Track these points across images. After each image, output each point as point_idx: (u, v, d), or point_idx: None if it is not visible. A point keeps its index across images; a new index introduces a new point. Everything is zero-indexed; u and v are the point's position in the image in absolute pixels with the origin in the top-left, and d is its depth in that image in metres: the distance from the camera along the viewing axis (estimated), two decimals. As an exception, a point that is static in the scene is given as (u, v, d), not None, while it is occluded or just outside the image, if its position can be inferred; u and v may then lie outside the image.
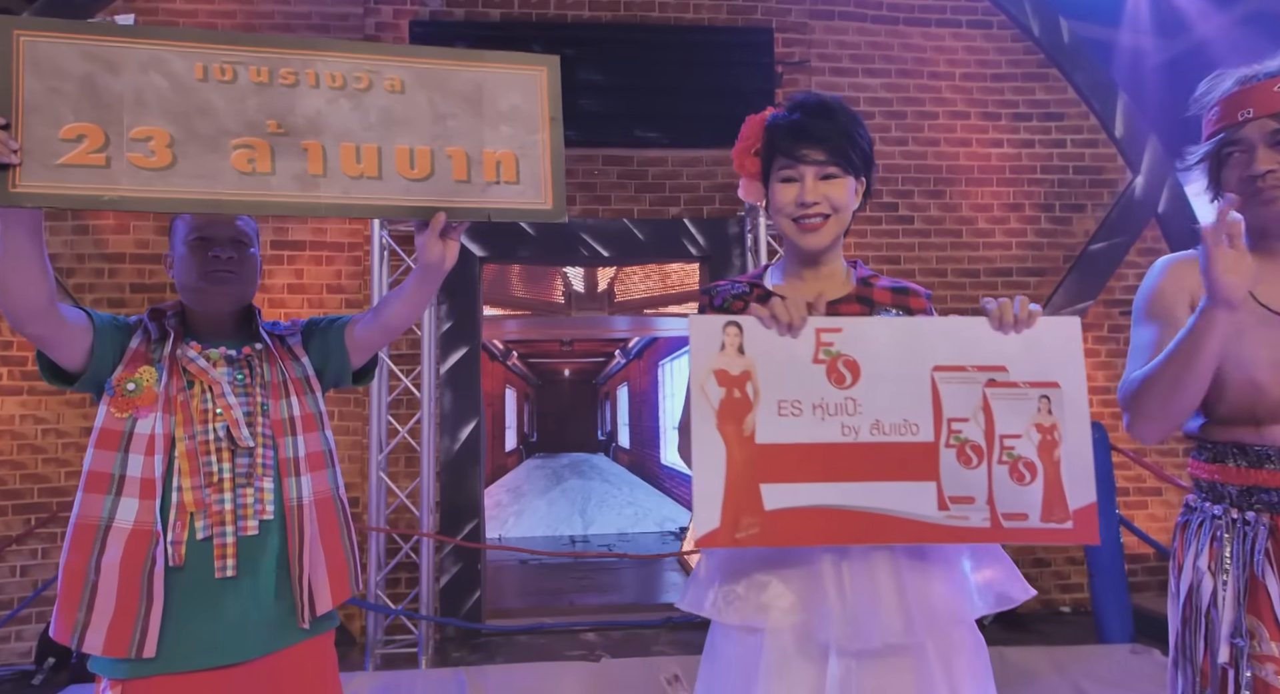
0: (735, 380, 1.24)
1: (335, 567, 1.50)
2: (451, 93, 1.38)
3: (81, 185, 1.23)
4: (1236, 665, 1.31)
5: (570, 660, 3.59)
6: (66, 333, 1.40)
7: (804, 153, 1.34)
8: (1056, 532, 1.24)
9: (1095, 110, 4.62)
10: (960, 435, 1.25)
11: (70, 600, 1.37)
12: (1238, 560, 1.34)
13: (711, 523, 1.22)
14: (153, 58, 1.29)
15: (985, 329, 1.27)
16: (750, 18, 4.51)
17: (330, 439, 1.56)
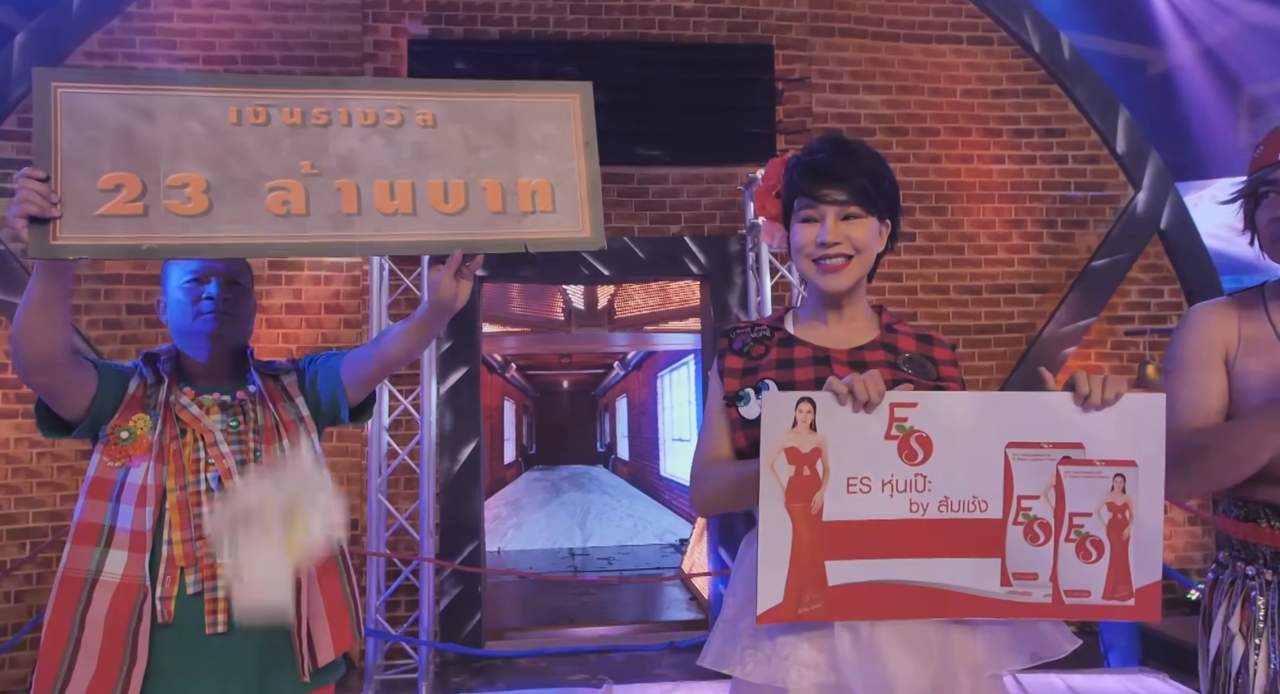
0: (806, 458, 1.22)
1: (335, 614, 1.47)
2: (484, 124, 1.37)
3: (120, 236, 1.24)
4: (1267, 731, 1.28)
5: (573, 686, 3.55)
6: (73, 384, 1.38)
7: (824, 192, 1.31)
8: (1118, 609, 1.22)
9: (1096, 126, 4.61)
10: (1029, 513, 1.23)
11: (51, 657, 1.34)
12: (1272, 625, 1.31)
13: (775, 599, 1.21)
14: (187, 104, 1.29)
15: (1067, 404, 1.22)
16: (750, 34, 4.50)
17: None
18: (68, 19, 4.02)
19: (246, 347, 1.57)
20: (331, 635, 1.46)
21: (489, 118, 1.37)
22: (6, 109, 3.95)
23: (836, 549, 1.22)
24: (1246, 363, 1.34)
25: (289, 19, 4.28)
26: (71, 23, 4.02)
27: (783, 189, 1.40)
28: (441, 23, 4.35)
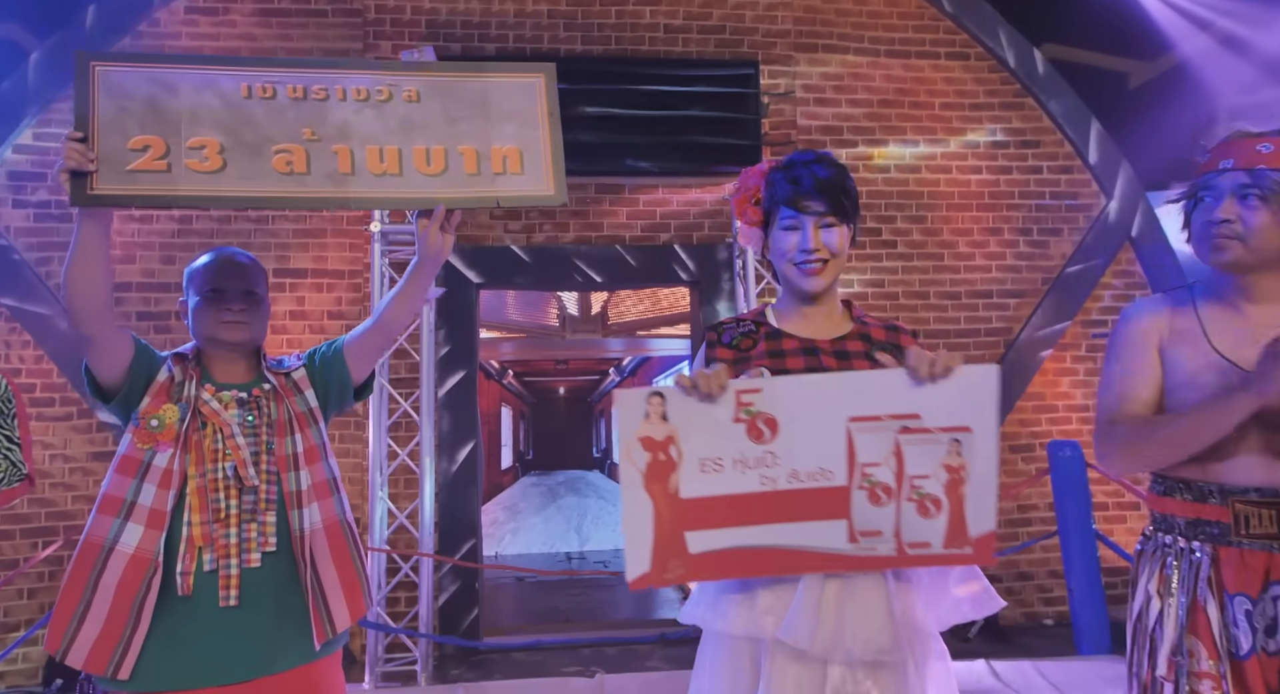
0: (659, 445, 1.37)
1: (349, 585, 1.62)
2: (462, 100, 1.58)
3: (147, 187, 1.45)
4: (1176, 681, 1.43)
5: (566, 676, 3.69)
6: (114, 340, 1.55)
7: (806, 204, 1.47)
8: (957, 556, 1.37)
9: (1070, 137, 4.79)
10: (871, 478, 1.36)
11: (64, 613, 1.49)
12: (1183, 586, 1.47)
13: (642, 568, 1.36)
14: (204, 80, 1.51)
15: (903, 380, 1.36)
16: (737, 51, 4.67)
17: (334, 467, 1.68)
18: (80, 38, 4.18)
19: (260, 347, 1.72)
20: (346, 604, 1.61)
21: (466, 94, 1.58)
22: (23, 124, 4.11)
23: (695, 522, 1.36)
24: (1174, 351, 1.51)
25: (293, 37, 4.45)
26: (84, 42, 4.18)
27: (764, 199, 1.55)
28: (440, 39, 4.52)
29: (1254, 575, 1.42)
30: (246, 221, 4.32)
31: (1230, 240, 1.44)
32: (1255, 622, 1.41)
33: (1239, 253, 1.44)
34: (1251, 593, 1.42)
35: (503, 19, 4.56)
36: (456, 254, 4.41)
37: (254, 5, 4.41)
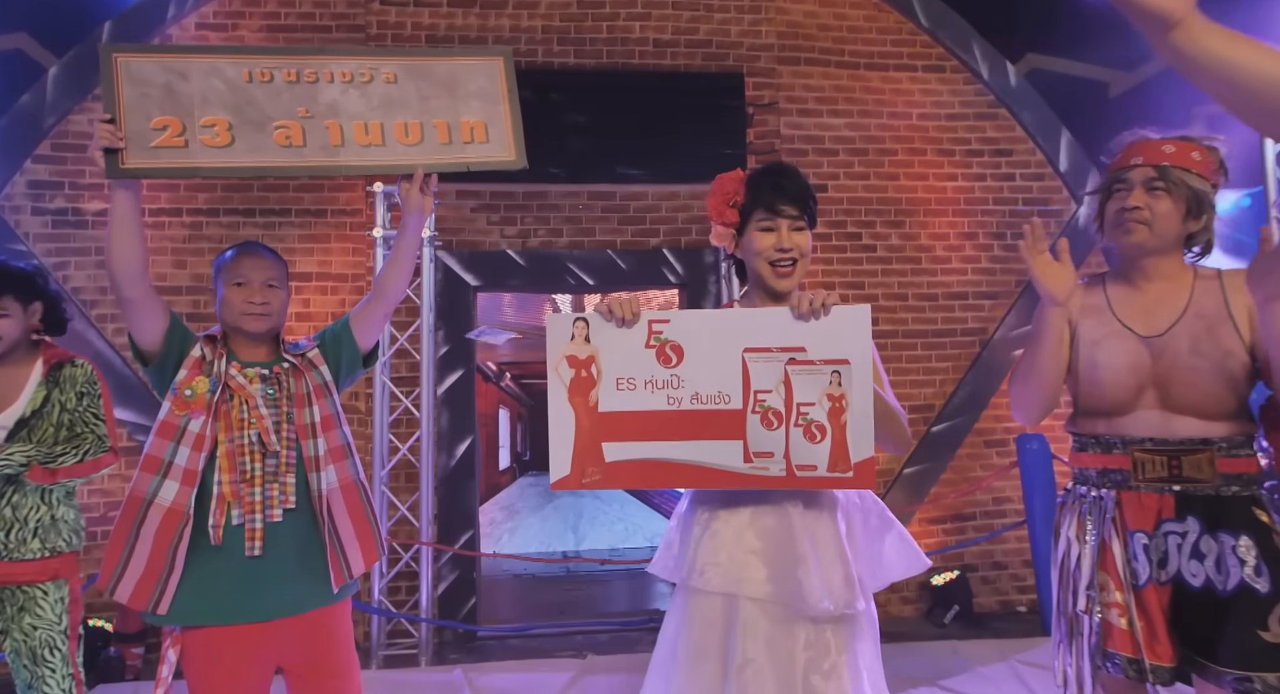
0: (582, 363, 1.59)
1: (363, 536, 1.83)
2: (433, 80, 1.83)
3: (168, 160, 1.70)
4: (1090, 612, 1.64)
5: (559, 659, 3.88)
6: (152, 306, 1.78)
7: (782, 207, 1.67)
8: (840, 480, 1.55)
9: (1041, 147, 5.01)
10: (764, 404, 1.56)
11: (113, 557, 1.71)
12: (1095, 529, 1.68)
13: (563, 471, 1.58)
14: (212, 67, 1.76)
15: (789, 316, 1.57)
16: (723, 63, 4.89)
17: (348, 434, 1.89)
18: (95, 54, 4.38)
19: (281, 332, 1.93)
20: (361, 553, 1.82)
21: (437, 75, 1.83)
22: (40, 135, 4.31)
23: (611, 433, 1.57)
24: (1084, 322, 1.75)
25: (298, 51, 4.66)
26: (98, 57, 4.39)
27: (743, 202, 1.73)
28: (438, 54, 4.73)
29: (1149, 514, 1.63)
30: (254, 228, 4.52)
31: (1139, 224, 1.66)
32: (1150, 555, 1.62)
33: (1145, 235, 1.66)
34: (1147, 529, 1.63)
35: (499, 34, 4.77)
36: (454, 258, 4.62)
37: (261, 22, 4.62)
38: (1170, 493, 1.62)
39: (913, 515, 4.76)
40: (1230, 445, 1.61)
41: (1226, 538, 1.56)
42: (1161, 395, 1.64)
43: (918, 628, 4.41)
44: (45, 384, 2.23)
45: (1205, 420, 1.61)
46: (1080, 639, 1.65)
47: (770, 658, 1.55)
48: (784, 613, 1.57)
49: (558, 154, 4.64)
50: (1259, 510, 1.59)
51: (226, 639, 1.73)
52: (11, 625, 2.18)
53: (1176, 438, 1.62)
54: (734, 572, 1.61)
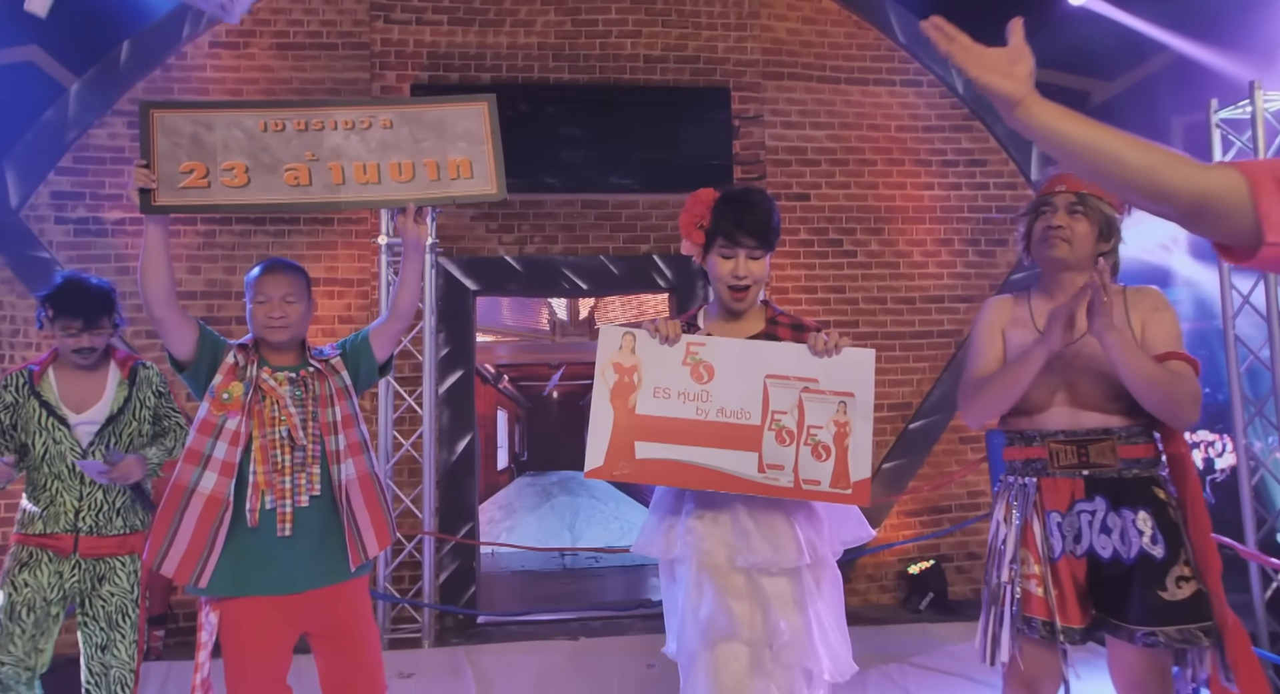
0: (626, 370, 1.84)
1: (377, 523, 2.08)
2: (425, 124, 2.08)
3: (193, 199, 1.97)
4: (1013, 582, 1.89)
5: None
6: (181, 322, 2.02)
7: (741, 239, 1.90)
8: (839, 495, 1.81)
9: (1014, 157, 5.26)
10: (780, 423, 1.82)
11: (158, 537, 1.96)
12: (1020, 511, 1.92)
13: (598, 462, 1.82)
14: (234, 119, 2.03)
15: (806, 353, 1.84)
16: (710, 78, 5.13)
17: (364, 432, 2.14)
18: (115, 71, 4.63)
19: (305, 338, 2.17)
20: (375, 537, 2.06)
21: (428, 120, 2.07)
22: (64, 148, 4.55)
23: (644, 434, 1.81)
24: (1012, 332, 1.99)
25: (306, 67, 4.90)
26: (119, 74, 4.63)
27: (707, 226, 1.96)
28: (440, 70, 4.98)
29: (1063, 497, 1.88)
30: (264, 235, 4.76)
31: (1062, 241, 1.91)
32: (1064, 531, 1.86)
33: (1066, 251, 1.91)
34: (1062, 509, 1.88)
35: (497, 51, 5.01)
36: (455, 264, 4.86)
37: (271, 40, 4.86)
38: (1080, 477, 1.87)
39: (891, 507, 5.01)
40: (1129, 434, 1.86)
41: (1128, 513, 1.81)
42: (1071, 394, 1.89)
43: (894, 614, 4.65)
44: (125, 385, 2.49)
45: (1107, 414, 1.86)
46: (1002, 607, 1.89)
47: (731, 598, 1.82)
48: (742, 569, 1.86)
49: (553, 165, 4.89)
50: (1157, 488, 1.84)
51: (259, 608, 1.98)
52: (92, 593, 2.44)
53: (1084, 430, 1.87)
54: (699, 542, 1.88)
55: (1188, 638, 1.75)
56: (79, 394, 2.45)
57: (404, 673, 3.65)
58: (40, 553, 2.40)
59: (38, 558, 2.40)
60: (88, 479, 2.41)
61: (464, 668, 3.70)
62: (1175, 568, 1.77)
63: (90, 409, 2.44)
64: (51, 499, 2.41)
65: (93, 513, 2.43)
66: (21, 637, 2.38)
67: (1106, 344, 1.76)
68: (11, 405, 2.42)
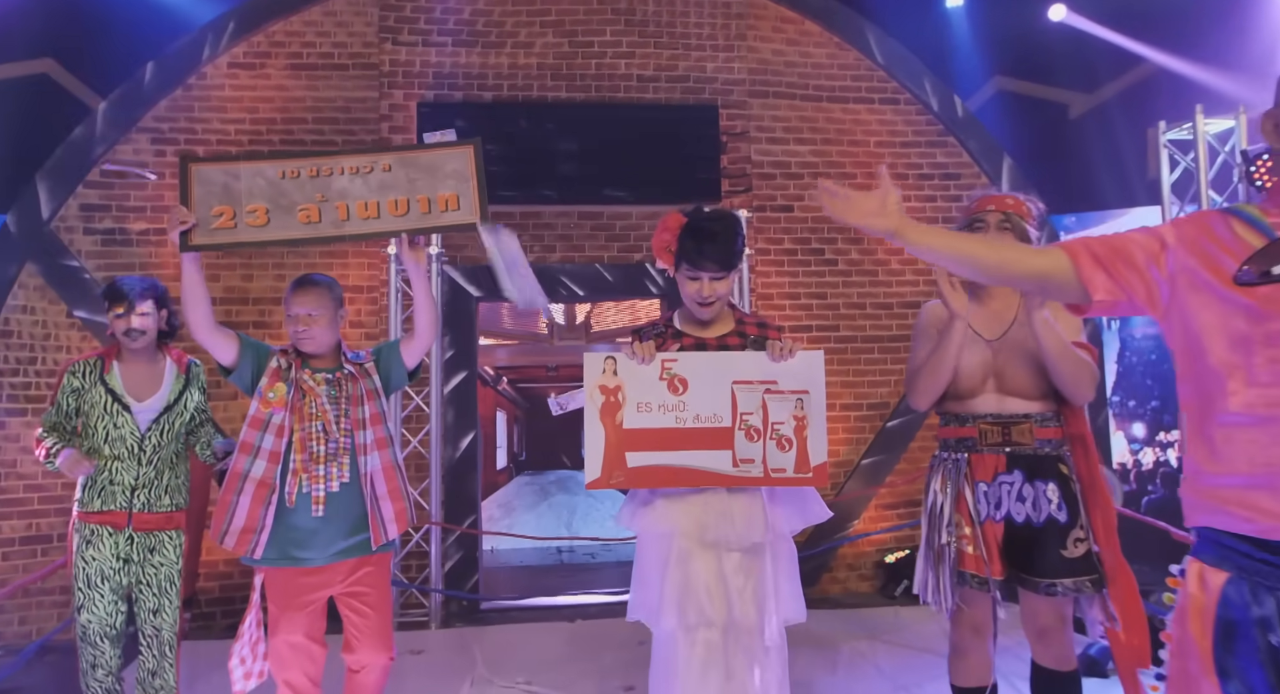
0: (611, 391, 2.13)
1: (398, 509, 2.38)
2: (419, 167, 2.39)
3: (223, 238, 2.29)
4: (948, 543, 2.19)
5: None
6: (221, 339, 2.35)
7: (705, 264, 2.18)
8: (803, 479, 2.12)
9: (985, 171, 5.57)
10: (747, 422, 2.12)
11: (220, 515, 2.29)
12: (953, 482, 2.23)
13: (595, 474, 2.11)
14: (258, 170, 2.33)
15: (766, 360, 2.13)
16: (699, 96, 5.44)
17: (390, 429, 2.44)
18: (140, 91, 4.93)
19: (339, 343, 2.47)
20: (395, 519, 2.36)
21: (421, 163, 2.38)
22: (91, 163, 4.85)
23: (633, 445, 2.09)
24: None
25: (319, 86, 5.20)
26: (143, 94, 4.93)
27: (675, 251, 2.26)
28: (445, 89, 5.28)
29: (989, 469, 2.20)
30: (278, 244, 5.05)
31: None
32: (989, 499, 2.18)
33: None
34: (987, 480, 2.20)
35: (498, 71, 5.32)
36: (459, 271, 5.16)
37: (286, 61, 5.16)
38: (1003, 453, 2.19)
39: (870, 501, 5.32)
40: (1043, 419, 2.18)
41: (1040, 485, 2.14)
42: (998, 382, 2.21)
43: (872, 600, 4.95)
44: (181, 379, 2.80)
45: (1028, 401, 2.18)
46: (944, 563, 2.20)
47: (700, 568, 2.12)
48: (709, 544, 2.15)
49: (551, 178, 5.20)
50: (1062, 465, 2.18)
51: (296, 575, 2.30)
52: (144, 563, 2.76)
53: (1008, 413, 2.19)
54: (669, 516, 2.18)
55: (1080, 587, 2.10)
56: (140, 384, 2.77)
57: (414, 650, 3.95)
58: (100, 529, 2.71)
59: (99, 534, 2.71)
60: (143, 460, 2.73)
61: (470, 646, 4.00)
62: (1074, 531, 2.10)
63: (150, 399, 2.76)
64: (110, 479, 2.72)
65: (145, 491, 2.74)
66: (102, 600, 2.71)
67: (1035, 320, 2.07)
68: (78, 390, 2.75)
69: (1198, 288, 1.23)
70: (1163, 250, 1.27)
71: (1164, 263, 1.27)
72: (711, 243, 2.16)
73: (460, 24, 5.29)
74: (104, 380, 2.74)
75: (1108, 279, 1.29)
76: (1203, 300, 1.23)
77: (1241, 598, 1.15)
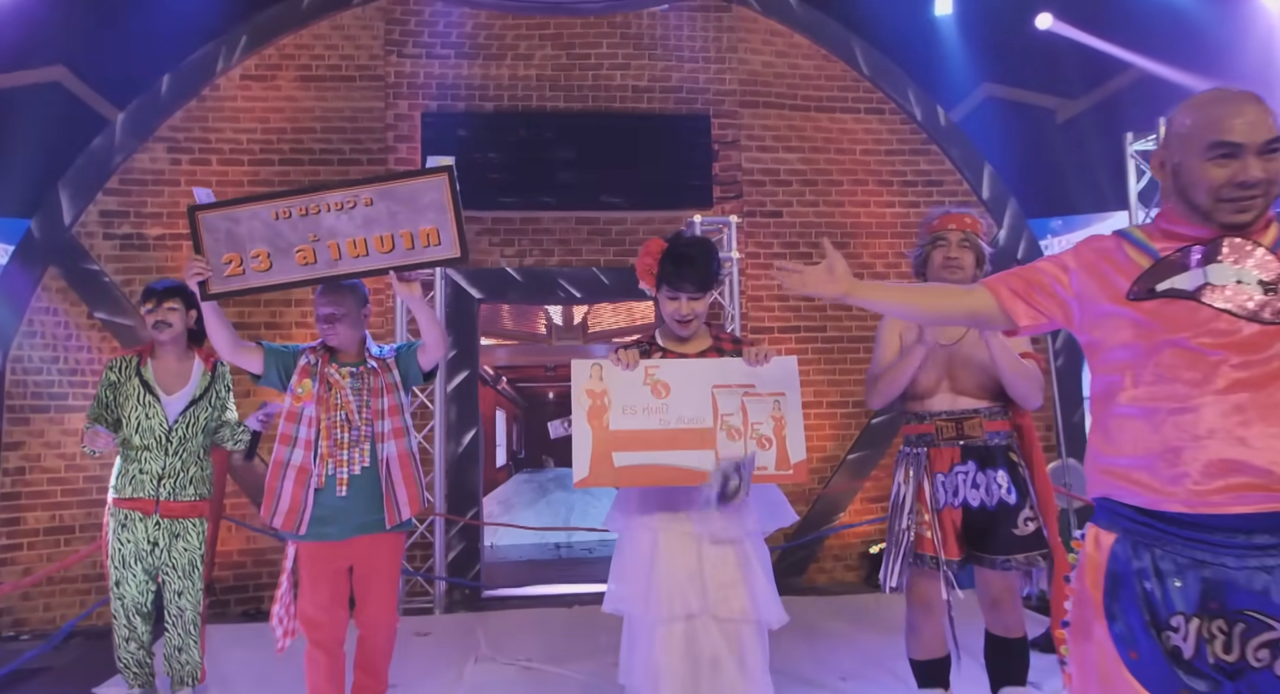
0: (597, 395, 2.25)
1: (410, 492, 2.62)
2: (398, 199, 2.55)
3: (236, 285, 2.51)
4: (909, 528, 2.42)
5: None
6: (248, 355, 2.61)
7: (684, 286, 2.32)
8: (783, 476, 2.25)
9: (967, 178, 5.81)
10: (728, 423, 2.24)
11: (269, 499, 2.54)
12: (915, 474, 2.46)
13: (584, 473, 2.22)
14: (253, 213, 2.54)
15: (743, 365, 2.28)
16: (692, 106, 5.67)
17: (408, 420, 2.68)
18: (156, 102, 5.15)
19: (364, 338, 2.69)
20: (409, 503, 2.60)
21: (400, 195, 2.53)
22: (110, 171, 5.07)
23: (619, 446, 2.20)
24: (906, 336, 2.51)
25: (327, 97, 5.42)
26: (159, 104, 5.15)
27: (656, 274, 2.41)
28: (447, 99, 5.50)
29: (945, 462, 2.44)
30: (290, 249, 5.28)
31: (958, 268, 2.47)
32: (946, 488, 2.41)
33: (961, 276, 2.47)
34: (944, 471, 2.43)
35: (499, 82, 5.54)
36: (461, 274, 5.38)
37: (295, 73, 5.39)
38: (958, 446, 2.43)
39: (855, 494, 5.55)
40: (991, 414, 2.42)
41: (991, 472, 2.37)
42: (952, 383, 2.44)
43: (857, 588, 5.18)
44: (207, 375, 3.04)
45: (977, 399, 2.41)
46: (900, 548, 2.43)
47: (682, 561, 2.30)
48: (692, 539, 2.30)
49: (549, 185, 5.43)
50: (1011, 454, 2.42)
51: (323, 549, 2.56)
52: (170, 547, 3.01)
53: (960, 410, 2.43)
54: (655, 518, 2.34)
55: (1031, 561, 2.35)
56: (170, 378, 3.03)
57: (420, 632, 4.18)
58: (131, 514, 2.96)
59: (131, 518, 2.96)
60: (170, 451, 2.97)
61: (473, 629, 4.23)
62: (1023, 511, 2.34)
63: (179, 392, 3.02)
64: (140, 468, 2.96)
65: (171, 480, 2.99)
66: (134, 579, 2.95)
67: (988, 337, 2.31)
68: (115, 384, 3.01)
69: (1098, 303, 1.46)
70: (1067, 274, 1.51)
71: (1069, 285, 1.50)
72: (690, 266, 2.32)
73: (462, 37, 5.52)
74: (139, 373, 3.02)
75: (1027, 307, 1.53)
76: (1101, 313, 1.46)
77: (1126, 554, 1.38)
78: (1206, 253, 1.38)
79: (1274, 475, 1.26)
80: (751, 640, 2.29)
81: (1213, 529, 1.30)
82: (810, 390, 5.63)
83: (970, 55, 6.12)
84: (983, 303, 1.56)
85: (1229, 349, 1.32)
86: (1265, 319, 1.32)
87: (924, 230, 2.57)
